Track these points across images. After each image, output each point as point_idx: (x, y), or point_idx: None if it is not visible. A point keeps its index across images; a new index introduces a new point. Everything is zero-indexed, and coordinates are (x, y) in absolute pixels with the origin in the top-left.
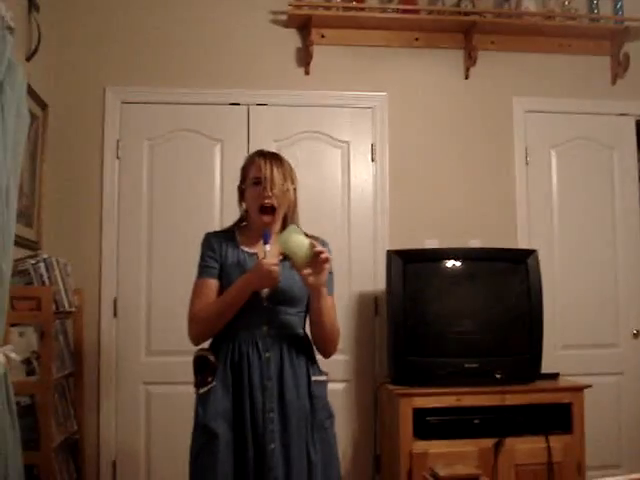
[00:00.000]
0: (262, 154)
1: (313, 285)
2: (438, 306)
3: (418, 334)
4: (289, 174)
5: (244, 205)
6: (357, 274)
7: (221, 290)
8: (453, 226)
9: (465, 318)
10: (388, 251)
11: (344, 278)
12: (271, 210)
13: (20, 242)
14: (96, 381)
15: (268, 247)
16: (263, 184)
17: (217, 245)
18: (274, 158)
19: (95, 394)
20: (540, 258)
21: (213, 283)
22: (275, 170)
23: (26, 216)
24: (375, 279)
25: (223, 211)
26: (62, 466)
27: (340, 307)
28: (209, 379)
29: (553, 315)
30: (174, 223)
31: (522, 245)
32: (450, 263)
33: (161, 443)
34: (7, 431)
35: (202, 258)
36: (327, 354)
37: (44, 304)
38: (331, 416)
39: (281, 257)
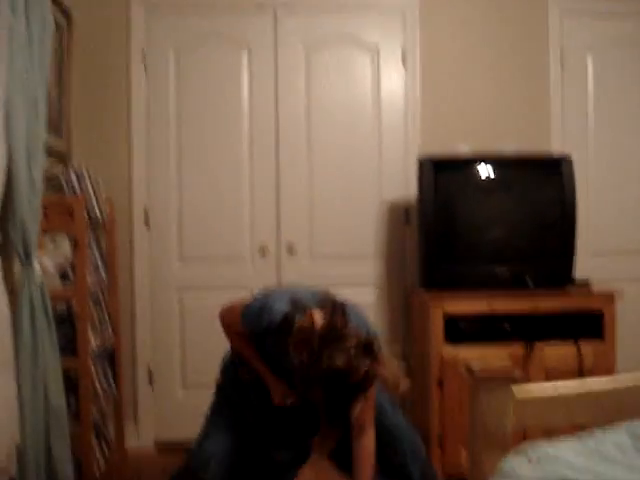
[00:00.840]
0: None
1: None
2: (470, 212)
3: (449, 240)
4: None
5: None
6: (388, 182)
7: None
8: (486, 131)
9: (497, 224)
10: (419, 158)
11: (375, 187)
12: None
13: (50, 153)
14: (130, 289)
15: None
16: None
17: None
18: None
19: (130, 303)
20: (574, 163)
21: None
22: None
23: (55, 126)
24: (406, 187)
25: (252, 117)
26: (99, 372)
27: (371, 215)
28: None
29: (586, 221)
30: (202, 130)
31: (556, 150)
32: (482, 169)
33: (195, 348)
34: (45, 337)
35: (257, 316)
36: None
37: (76, 213)
38: None
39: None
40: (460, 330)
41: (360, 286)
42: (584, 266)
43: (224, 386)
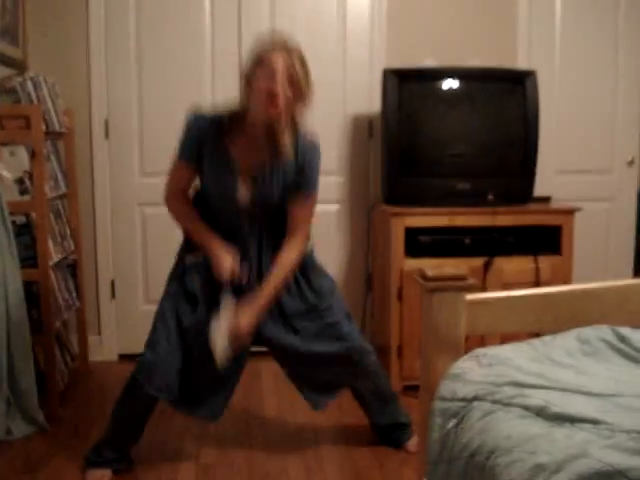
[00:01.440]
0: (282, 46)
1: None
2: (434, 127)
3: (412, 155)
4: (307, 76)
5: (247, 89)
6: (352, 95)
7: (196, 175)
8: (452, 45)
9: (460, 140)
10: (384, 70)
11: (339, 99)
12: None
13: (6, 61)
14: (91, 202)
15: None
16: (275, 83)
17: (202, 135)
18: (290, 53)
19: (91, 215)
20: (539, 80)
21: (189, 168)
22: (294, 69)
23: (10, 34)
24: (370, 101)
25: (214, 30)
26: (61, 284)
27: (334, 128)
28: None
29: (549, 139)
30: (164, 40)
31: (522, 66)
32: (447, 83)
33: (157, 261)
34: (4, 249)
35: (183, 139)
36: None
37: (34, 123)
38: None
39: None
40: (420, 244)
41: (323, 202)
42: (546, 184)
43: (170, 290)
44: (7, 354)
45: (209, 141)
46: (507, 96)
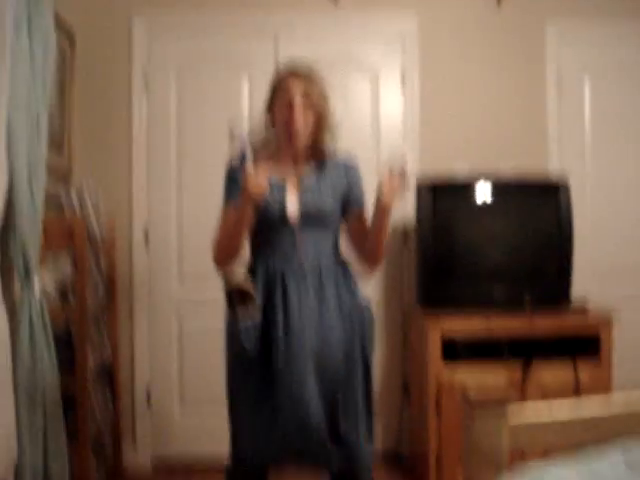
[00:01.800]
0: (294, 72)
1: (387, 202)
2: (467, 233)
3: (447, 260)
4: (321, 93)
5: (268, 118)
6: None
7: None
8: (484, 153)
9: (495, 245)
10: (417, 181)
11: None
12: (300, 134)
13: (51, 171)
14: (129, 309)
15: (249, 153)
16: (293, 106)
17: (239, 174)
18: (307, 77)
19: (129, 322)
20: (572, 184)
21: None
22: (307, 91)
23: (57, 146)
24: (403, 208)
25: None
26: (98, 392)
27: None
28: (250, 308)
29: (584, 241)
30: (203, 151)
31: (553, 170)
32: (480, 191)
33: (194, 368)
34: (44, 356)
35: (226, 185)
36: (376, 262)
37: (77, 233)
38: (370, 345)
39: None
40: (457, 350)
41: None
42: (582, 286)
43: (231, 369)
44: (43, 460)
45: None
46: (541, 201)
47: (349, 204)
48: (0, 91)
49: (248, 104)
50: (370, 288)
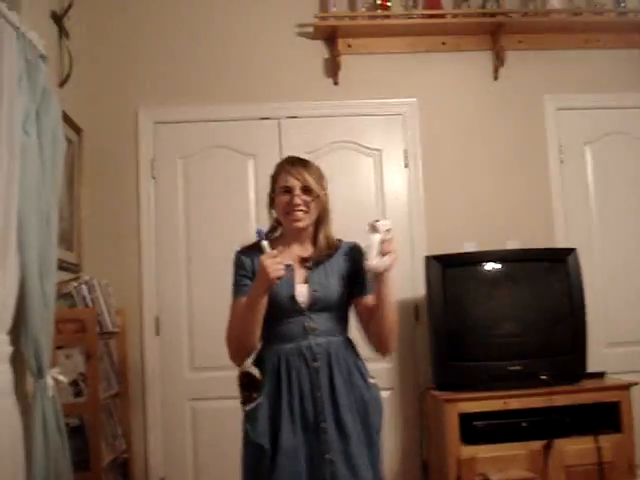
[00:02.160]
0: (291, 162)
1: (380, 270)
2: (479, 309)
3: (460, 338)
4: (318, 180)
5: (274, 213)
6: (396, 281)
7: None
8: (490, 228)
9: (507, 320)
10: (426, 256)
11: None
12: (301, 216)
13: (62, 265)
14: (142, 399)
15: (265, 242)
16: (292, 192)
17: (248, 262)
18: (303, 165)
19: (141, 412)
20: (580, 255)
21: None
22: (304, 177)
23: (66, 239)
24: (414, 285)
25: (259, 223)
26: None
27: None
28: (254, 395)
29: (597, 313)
30: (211, 239)
31: (560, 243)
32: (489, 266)
33: (209, 458)
34: (58, 452)
35: (235, 278)
36: (386, 349)
37: (88, 326)
38: (380, 428)
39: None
40: (476, 430)
41: None
42: (599, 358)
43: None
44: None
45: (256, 262)
46: (550, 274)
47: (356, 291)
48: (11, 187)
49: (254, 189)
50: (384, 366)
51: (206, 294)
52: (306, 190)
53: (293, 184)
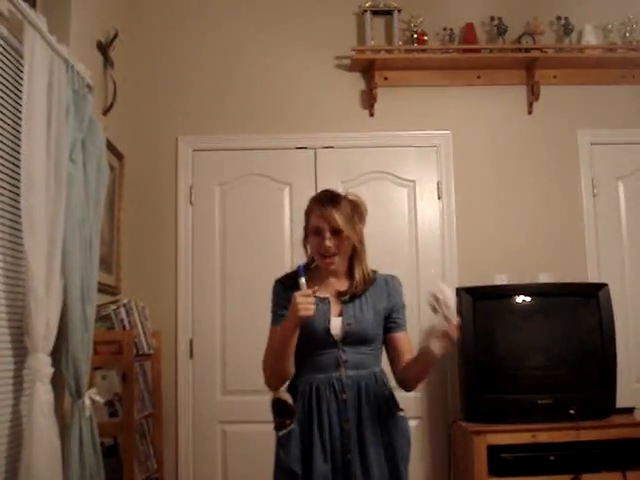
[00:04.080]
0: (321, 201)
1: (436, 352)
2: (509, 342)
3: (490, 371)
4: (349, 218)
5: (309, 248)
6: (427, 312)
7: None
8: (522, 261)
9: (537, 354)
10: (457, 288)
11: (414, 316)
12: (332, 260)
13: (101, 288)
14: (174, 421)
15: (303, 280)
16: (322, 235)
17: (286, 292)
18: (333, 204)
19: (173, 433)
20: (611, 290)
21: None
22: (334, 219)
23: (106, 263)
24: None
25: (294, 252)
26: None
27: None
28: (287, 422)
29: (626, 348)
30: (246, 265)
31: (592, 278)
32: (520, 299)
33: None
34: (94, 471)
35: (273, 306)
36: (410, 390)
37: (125, 348)
38: (407, 459)
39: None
40: (504, 462)
41: None
42: (629, 393)
43: None
44: None
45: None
46: (581, 309)
47: (390, 327)
48: (58, 214)
49: (289, 217)
50: (414, 395)
51: (239, 319)
52: (336, 232)
53: (323, 226)
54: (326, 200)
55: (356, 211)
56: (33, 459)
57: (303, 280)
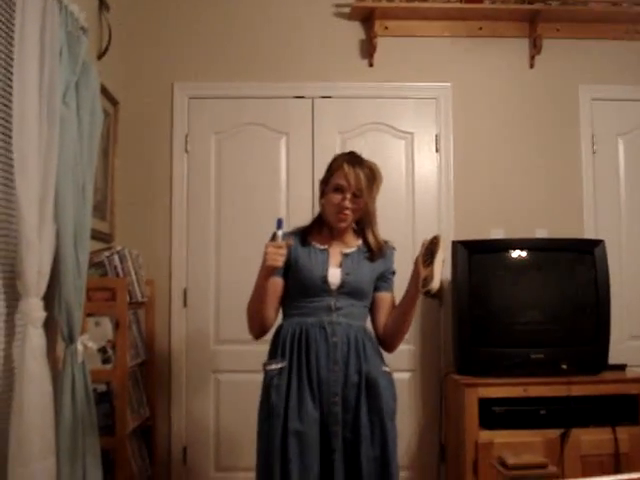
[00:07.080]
0: (351, 162)
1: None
2: (504, 296)
3: (484, 324)
4: (370, 186)
5: (323, 202)
6: None
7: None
8: (519, 216)
9: (531, 308)
10: (453, 242)
11: (409, 270)
12: (347, 219)
13: (95, 235)
14: (167, 369)
15: (280, 232)
16: (344, 194)
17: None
18: (361, 168)
19: (166, 382)
20: (607, 247)
21: (276, 282)
22: (359, 182)
23: (100, 210)
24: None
25: (289, 202)
26: (135, 451)
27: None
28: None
29: (621, 305)
30: (241, 215)
31: (589, 235)
32: (516, 253)
33: (230, 429)
34: (85, 416)
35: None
36: (391, 350)
37: (119, 295)
38: (394, 414)
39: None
40: (495, 415)
41: (395, 370)
42: (621, 350)
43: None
44: None
45: (296, 248)
46: (576, 265)
47: (380, 286)
48: (50, 157)
49: (286, 166)
50: (407, 348)
51: (234, 269)
52: (356, 194)
53: (346, 186)
54: (355, 162)
55: (375, 180)
56: (25, 403)
57: (280, 232)
